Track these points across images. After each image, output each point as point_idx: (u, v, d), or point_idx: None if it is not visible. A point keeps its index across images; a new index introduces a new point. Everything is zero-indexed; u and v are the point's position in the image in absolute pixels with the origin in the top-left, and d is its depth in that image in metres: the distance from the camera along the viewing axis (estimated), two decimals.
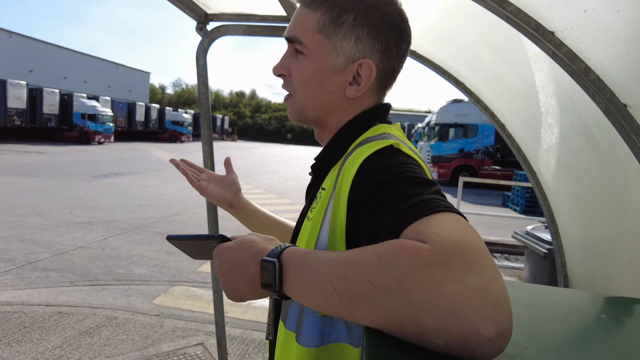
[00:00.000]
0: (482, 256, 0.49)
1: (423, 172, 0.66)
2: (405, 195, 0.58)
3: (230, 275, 0.67)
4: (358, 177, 0.67)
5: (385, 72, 0.82)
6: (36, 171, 14.38)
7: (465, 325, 0.44)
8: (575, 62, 1.28)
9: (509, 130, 2.59)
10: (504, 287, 0.47)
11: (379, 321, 0.50)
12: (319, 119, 0.87)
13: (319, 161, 0.86)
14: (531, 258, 3.89)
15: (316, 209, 0.75)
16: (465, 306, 0.44)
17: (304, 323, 0.72)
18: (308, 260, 0.58)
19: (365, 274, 0.50)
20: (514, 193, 13.47)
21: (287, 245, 0.64)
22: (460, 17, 2.04)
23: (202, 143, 2.60)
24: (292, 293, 0.60)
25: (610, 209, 1.91)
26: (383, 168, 0.65)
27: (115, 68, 52.60)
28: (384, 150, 0.69)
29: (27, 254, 5.90)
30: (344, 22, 0.77)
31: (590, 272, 2.32)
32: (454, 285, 0.45)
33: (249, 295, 0.68)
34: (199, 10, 2.32)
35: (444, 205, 0.56)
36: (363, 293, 0.49)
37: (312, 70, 0.81)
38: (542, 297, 0.79)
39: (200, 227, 7.97)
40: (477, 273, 0.46)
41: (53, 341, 3.58)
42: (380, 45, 0.79)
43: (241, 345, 3.74)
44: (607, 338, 0.66)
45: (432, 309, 0.45)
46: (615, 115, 1.29)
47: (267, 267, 0.61)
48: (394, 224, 0.56)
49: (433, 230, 0.50)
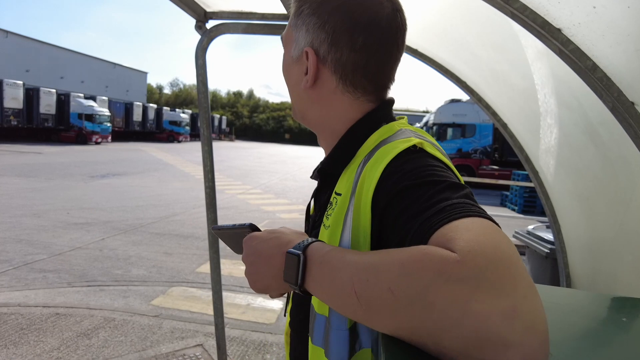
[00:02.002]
0: (516, 271, 0.44)
1: (451, 174, 0.63)
2: (433, 200, 0.55)
3: (256, 265, 0.66)
4: (382, 181, 0.63)
5: (338, 65, 0.76)
6: (33, 172, 14.32)
7: (488, 352, 0.41)
8: (582, 59, 1.26)
9: (511, 129, 2.58)
10: (537, 308, 0.42)
11: (397, 332, 0.47)
12: (303, 113, 0.86)
13: (326, 166, 0.83)
14: (532, 258, 3.87)
15: (333, 215, 0.71)
16: (490, 332, 0.40)
17: (332, 337, 0.69)
18: (332, 257, 0.56)
19: (387, 282, 0.47)
20: (512, 193, 13.48)
21: (314, 240, 0.62)
22: (460, 15, 2.02)
23: (201, 143, 2.57)
24: (313, 289, 0.58)
25: (614, 207, 1.90)
26: (408, 171, 0.61)
27: (113, 68, 52.47)
28: (408, 152, 0.65)
29: (23, 255, 5.86)
30: (302, 13, 0.78)
31: (593, 271, 2.31)
32: (481, 306, 0.41)
33: (272, 288, 0.66)
34: (198, 9, 2.30)
35: (475, 210, 0.52)
36: (383, 300, 0.47)
37: (283, 62, 0.85)
38: (552, 298, 0.77)
39: (199, 228, 7.94)
40: (509, 293, 0.42)
41: (50, 343, 3.54)
42: (326, 35, 0.75)
43: (240, 347, 3.71)
44: (629, 341, 0.64)
45: (453, 329, 0.42)
46: (622, 114, 1.27)
47: (291, 259, 0.59)
48: (421, 229, 0.52)
49: (463, 237, 0.46)
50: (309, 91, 0.80)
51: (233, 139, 62.45)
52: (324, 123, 0.84)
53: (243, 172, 18.85)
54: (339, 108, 0.80)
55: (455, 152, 18.82)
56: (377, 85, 0.79)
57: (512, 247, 0.46)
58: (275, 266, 0.63)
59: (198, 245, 6.89)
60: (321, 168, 0.84)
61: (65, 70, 42.67)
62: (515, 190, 13.24)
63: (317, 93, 0.80)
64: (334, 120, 0.81)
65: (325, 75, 0.78)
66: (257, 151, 38.45)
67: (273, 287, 0.66)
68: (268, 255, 0.65)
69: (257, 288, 0.68)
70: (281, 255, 0.62)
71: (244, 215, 9.51)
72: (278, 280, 0.63)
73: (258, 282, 0.67)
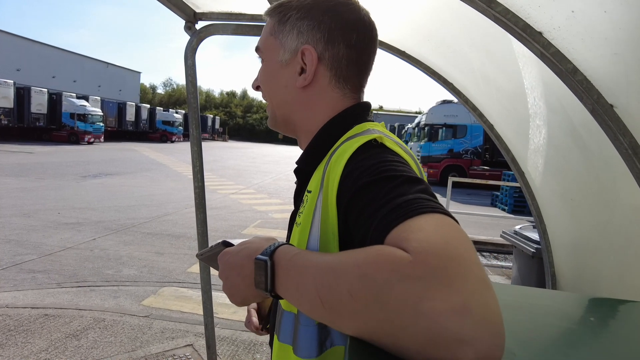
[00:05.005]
0: (467, 267, 0.44)
1: (409, 168, 0.64)
2: (389, 196, 0.56)
3: (230, 278, 0.67)
4: (343, 178, 0.64)
5: (335, 61, 0.81)
6: (23, 171, 14.18)
7: (442, 349, 0.41)
8: (563, 62, 1.28)
9: (497, 131, 2.60)
10: (489, 303, 0.43)
11: (360, 333, 0.48)
12: (286, 119, 0.88)
13: (301, 164, 0.85)
14: (519, 257, 3.91)
15: (304, 213, 0.73)
16: (442, 329, 0.41)
17: (301, 334, 0.70)
18: (297, 262, 0.57)
19: (346, 285, 0.48)
20: (503, 193, 13.58)
21: (280, 243, 0.63)
22: (448, 18, 2.04)
23: (190, 143, 2.57)
24: (282, 293, 0.58)
25: (598, 208, 1.93)
26: (368, 167, 0.62)
27: (105, 67, 52.09)
28: (367, 146, 0.67)
29: (12, 255, 5.81)
30: (289, 20, 0.82)
31: (577, 271, 2.34)
32: (432, 304, 0.42)
33: (250, 298, 0.66)
34: (188, 9, 2.30)
35: (429, 206, 0.52)
36: (344, 304, 0.48)
37: (267, 69, 0.87)
38: (530, 299, 0.78)
39: (191, 228, 7.91)
40: (458, 289, 0.42)
41: (38, 344, 3.52)
42: (322, 34, 0.80)
43: (231, 347, 3.71)
44: (596, 342, 0.66)
45: (408, 328, 0.43)
46: (602, 116, 1.29)
47: (259, 265, 0.60)
48: (378, 228, 0.53)
49: (415, 237, 0.47)
50: (301, 90, 0.82)
51: (226, 139, 62.20)
52: (306, 124, 0.85)
53: (236, 172, 18.80)
54: (323, 106, 0.83)
55: (446, 152, 18.96)
56: (361, 80, 0.85)
57: (466, 243, 0.47)
58: (248, 275, 0.63)
59: (190, 245, 6.87)
60: (296, 167, 0.87)
61: (57, 70, 42.27)
62: (505, 191, 13.35)
63: (309, 92, 0.83)
64: (316, 120, 0.83)
65: (320, 72, 0.81)
66: (250, 151, 38.38)
67: (250, 297, 0.66)
68: (239, 266, 0.66)
69: (236, 301, 0.68)
70: (251, 263, 0.62)
71: (236, 215, 9.49)
72: (252, 289, 0.63)
73: (235, 294, 0.67)
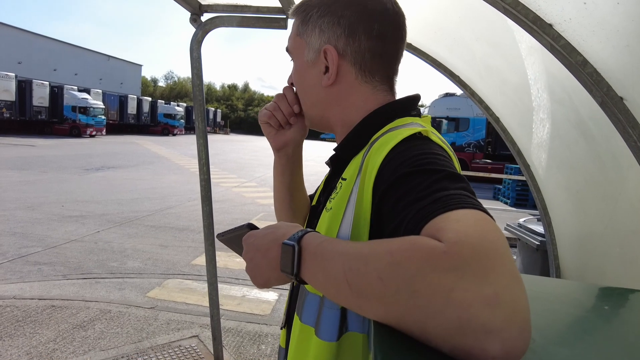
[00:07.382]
0: (501, 261, 0.45)
1: (451, 164, 0.63)
2: (430, 189, 0.56)
3: (255, 260, 0.68)
4: (383, 166, 0.65)
5: (358, 55, 0.80)
6: (26, 164, 14.22)
7: (470, 338, 0.42)
8: (572, 55, 1.28)
9: (503, 124, 2.60)
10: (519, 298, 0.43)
11: (386, 319, 0.49)
12: (321, 118, 0.88)
13: (338, 151, 0.85)
14: (523, 250, 3.92)
15: (336, 199, 0.74)
16: (472, 319, 0.42)
17: (324, 316, 0.72)
18: (325, 248, 0.58)
19: (377, 271, 0.49)
20: (505, 186, 13.58)
21: (308, 230, 0.64)
22: (455, 11, 2.03)
23: (196, 136, 2.58)
24: (308, 278, 0.60)
25: (603, 201, 1.93)
26: (409, 158, 0.62)
27: (107, 60, 51.95)
28: (411, 139, 0.67)
29: (18, 247, 5.85)
30: (310, 19, 0.82)
31: (582, 264, 2.35)
32: (464, 294, 0.43)
33: (272, 280, 0.68)
34: (193, 2, 2.29)
35: (469, 202, 0.53)
36: (373, 288, 0.49)
37: (297, 70, 0.88)
38: (542, 288, 0.79)
39: (194, 221, 7.94)
40: (492, 282, 0.43)
41: (46, 335, 3.56)
42: (342, 29, 0.79)
43: (236, 338, 3.75)
44: (611, 329, 0.66)
45: (437, 316, 0.44)
46: (611, 109, 1.29)
47: (286, 250, 0.61)
48: (415, 218, 0.54)
49: (452, 227, 0.48)
50: (329, 89, 0.82)
51: (228, 132, 62.10)
52: (344, 119, 0.85)
53: (238, 166, 18.81)
54: (358, 101, 0.82)
55: None
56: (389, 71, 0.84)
57: (501, 239, 0.47)
58: (273, 258, 0.65)
59: (193, 237, 6.90)
60: (333, 154, 0.87)
61: (58, 63, 42.18)
62: (507, 184, 13.34)
63: (337, 89, 0.82)
64: (352, 114, 0.83)
65: (344, 68, 0.81)
66: (252, 144, 38.33)
67: (272, 280, 0.68)
68: (265, 249, 0.67)
69: (258, 282, 0.69)
70: (277, 247, 0.64)
71: (239, 209, 9.52)
72: (276, 272, 0.65)
73: (258, 276, 0.69)
